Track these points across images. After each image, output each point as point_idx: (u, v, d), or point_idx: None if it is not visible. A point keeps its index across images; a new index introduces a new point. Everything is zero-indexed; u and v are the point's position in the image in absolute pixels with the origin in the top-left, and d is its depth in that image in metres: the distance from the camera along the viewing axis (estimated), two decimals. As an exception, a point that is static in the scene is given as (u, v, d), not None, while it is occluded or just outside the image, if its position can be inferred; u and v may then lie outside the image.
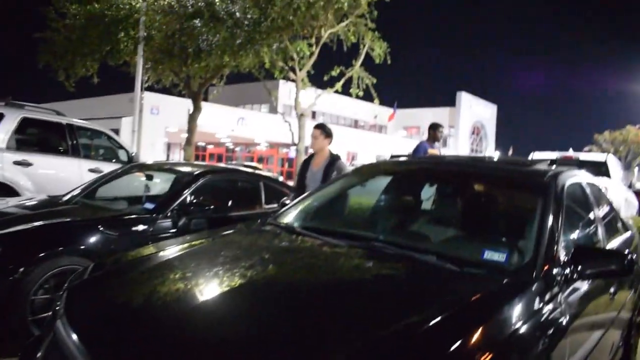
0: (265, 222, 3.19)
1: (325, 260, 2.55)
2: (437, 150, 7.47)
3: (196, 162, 13.08)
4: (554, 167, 3.14)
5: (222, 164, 16.78)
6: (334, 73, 15.66)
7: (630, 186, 9.90)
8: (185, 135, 15.37)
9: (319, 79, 16.42)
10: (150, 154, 23.93)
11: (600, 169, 8.59)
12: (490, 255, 2.39)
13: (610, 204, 3.78)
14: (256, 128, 35.50)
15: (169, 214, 4.29)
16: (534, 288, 2.11)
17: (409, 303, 1.98)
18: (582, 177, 3.36)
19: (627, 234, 3.83)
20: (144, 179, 5.89)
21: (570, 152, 10.91)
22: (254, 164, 20.17)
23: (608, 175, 8.49)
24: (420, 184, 3.53)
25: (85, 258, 3.73)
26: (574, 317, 2.26)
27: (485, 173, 3.26)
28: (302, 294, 2.08)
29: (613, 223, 3.67)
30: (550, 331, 2.02)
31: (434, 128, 7.41)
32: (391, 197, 3.62)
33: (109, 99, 31.91)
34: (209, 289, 2.10)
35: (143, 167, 5.94)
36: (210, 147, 40.72)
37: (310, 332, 1.75)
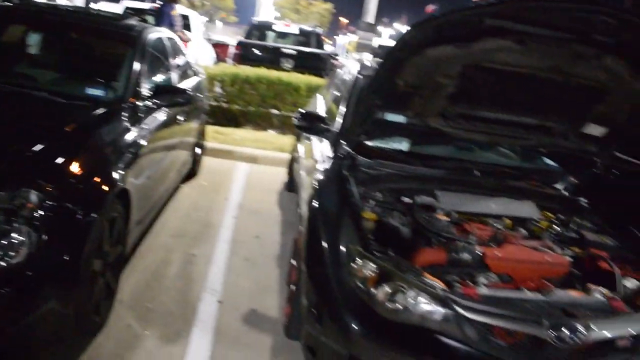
0: None
1: None
2: None
3: None
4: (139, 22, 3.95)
5: None
6: None
7: (209, 39, 11.53)
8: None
9: None
10: None
11: (185, 22, 9.81)
12: (92, 91, 3.16)
13: (184, 54, 4.90)
14: None
15: None
16: (123, 113, 3.00)
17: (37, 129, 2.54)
18: (163, 32, 4.30)
19: (196, 78, 5.08)
20: None
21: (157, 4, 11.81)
22: None
23: (189, 29, 9.83)
24: (25, 29, 3.81)
25: None
26: (157, 137, 3.28)
27: (85, 25, 3.82)
28: None
29: (185, 70, 4.83)
30: (138, 145, 2.96)
31: None
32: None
33: None
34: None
35: None
36: None
37: None
